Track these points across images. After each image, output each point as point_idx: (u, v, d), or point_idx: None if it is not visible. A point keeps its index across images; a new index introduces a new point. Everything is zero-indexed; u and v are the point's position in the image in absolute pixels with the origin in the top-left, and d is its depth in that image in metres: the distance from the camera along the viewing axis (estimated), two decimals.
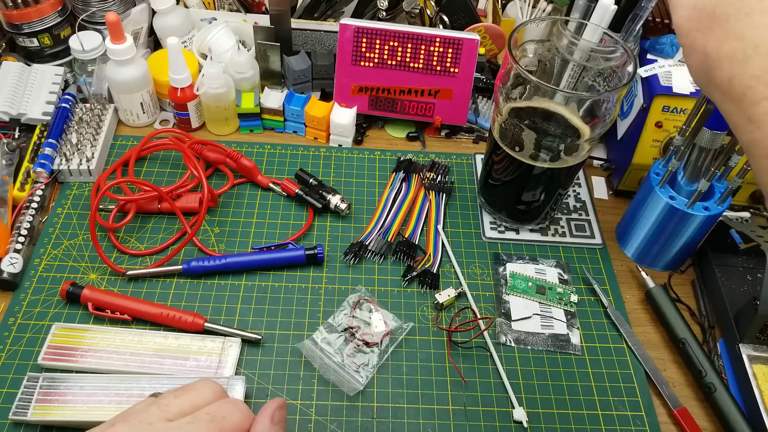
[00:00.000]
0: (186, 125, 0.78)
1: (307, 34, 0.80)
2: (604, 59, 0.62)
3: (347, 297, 0.63)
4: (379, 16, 0.81)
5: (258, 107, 0.77)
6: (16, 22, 0.75)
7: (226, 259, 0.64)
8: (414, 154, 0.78)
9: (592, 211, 0.74)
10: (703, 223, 0.64)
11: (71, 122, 0.73)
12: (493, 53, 0.86)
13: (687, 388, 0.60)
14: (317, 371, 0.58)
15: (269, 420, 0.37)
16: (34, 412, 0.51)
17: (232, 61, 0.75)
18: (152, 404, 0.35)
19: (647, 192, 0.66)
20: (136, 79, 0.74)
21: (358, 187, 0.74)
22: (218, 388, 0.37)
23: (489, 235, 0.70)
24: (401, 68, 0.76)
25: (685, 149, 0.62)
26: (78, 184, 0.71)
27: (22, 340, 0.58)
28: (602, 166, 0.80)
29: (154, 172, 0.73)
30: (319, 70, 0.80)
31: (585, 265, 0.68)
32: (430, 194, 0.73)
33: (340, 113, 0.77)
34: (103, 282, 0.63)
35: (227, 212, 0.70)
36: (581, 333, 0.63)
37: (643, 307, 0.66)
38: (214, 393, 0.37)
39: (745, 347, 0.60)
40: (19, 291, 0.61)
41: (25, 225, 0.64)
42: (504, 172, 0.66)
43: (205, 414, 0.34)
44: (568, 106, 0.62)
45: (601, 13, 0.61)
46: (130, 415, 0.34)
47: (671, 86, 0.69)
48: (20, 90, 0.74)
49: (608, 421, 0.57)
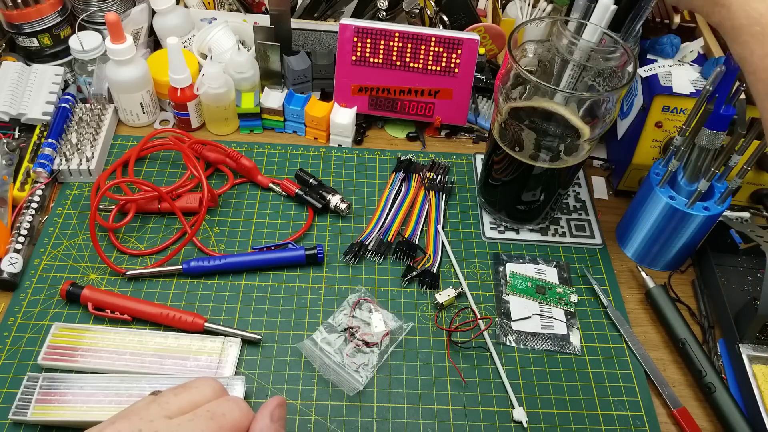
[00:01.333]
0: (186, 125, 0.78)
1: (307, 34, 0.80)
2: (604, 59, 0.62)
3: (347, 297, 0.63)
4: (379, 16, 0.81)
5: (258, 107, 0.77)
6: (16, 22, 0.75)
7: (226, 259, 0.64)
8: (414, 154, 0.78)
9: (592, 211, 0.74)
10: (703, 223, 0.64)
11: (71, 122, 0.73)
12: (493, 53, 0.86)
13: (687, 388, 0.60)
14: (317, 371, 0.58)
15: (269, 418, 0.37)
16: (34, 412, 0.51)
17: (232, 61, 0.75)
18: (152, 402, 0.35)
19: (647, 192, 0.66)
20: (136, 79, 0.74)
21: (358, 187, 0.74)
22: (218, 386, 0.37)
23: (489, 235, 0.70)
24: (401, 68, 0.76)
25: (685, 149, 0.62)
26: (78, 184, 0.71)
27: (22, 340, 0.58)
28: (602, 166, 0.80)
29: (154, 172, 0.73)
30: (319, 70, 0.80)
31: (585, 265, 0.68)
32: (430, 194, 0.73)
33: (340, 113, 0.77)
34: (103, 282, 0.63)
35: (227, 212, 0.70)
36: (581, 333, 0.63)
37: (643, 307, 0.66)
38: (214, 391, 0.37)
39: (745, 347, 0.60)
40: (19, 291, 0.61)
41: (25, 225, 0.64)
42: (504, 172, 0.66)
43: (205, 411, 0.34)
44: (568, 106, 0.62)
45: (601, 13, 0.61)
46: (131, 413, 0.34)
47: (671, 86, 0.69)
48: (20, 90, 0.74)
49: (608, 421, 0.57)
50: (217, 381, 0.38)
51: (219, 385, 0.37)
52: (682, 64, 0.73)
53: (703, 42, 0.74)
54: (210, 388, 0.37)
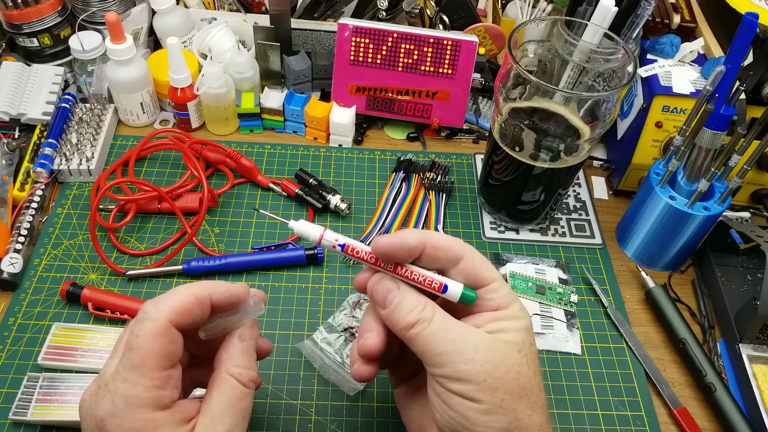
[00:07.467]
0: (186, 125, 0.78)
1: (307, 34, 0.80)
2: (605, 60, 0.62)
3: (347, 297, 0.63)
4: (379, 16, 0.81)
5: (258, 107, 0.77)
6: (16, 22, 0.75)
7: (226, 259, 0.64)
8: (414, 154, 0.78)
9: (592, 211, 0.74)
10: (703, 223, 0.64)
11: (71, 122, 0.73)
12: (493, 53, 0.86)
13: (687, 388, 0.60)
14: (317, 371, 0.58)
15: (237, 337, 0.40)
16: (34, 412, 0.51)
17: (232, 61, 0.75)
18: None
19: (647, 192, 0.66)
20: (136, 79, 0.74)
21: (358, 187, 0.74)
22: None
23: (489, 235, 0.70)
24: (399, 69, 0.76)
25: (685, 149, 0.62)
26: (78, 184, 0.71)
27: (22, 340, 0.58)
28: (602, 166, 0.80)
29: (154, 172, 0.73)
30: (318, 70, 0.80)
31: (585, 265, 0.68)
32: (430, 194, 0.73)
33: (339, 112, 0.77)
34: (103, 282, 0.63)
35: (227, 212, 0.70)
36: (581, 333, 0.63)
37: (643, 307, 0.66)
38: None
39: (745, 347, 0.60)
40: (19, 291, 0.61)
41: (25, 225, 0.64)
42: (504, 172, 0.66)
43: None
44: (568, 106, 0.62)
45: (602, 14, 0.61)
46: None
47: (671, 86, 0.69)
48: (20, 90, 0.74)
49: (608, 421, 0.57)
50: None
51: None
52: (682, 64, 0.73)
53: (703, 42, 0.74)
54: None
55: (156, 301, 0.37)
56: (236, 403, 0.38)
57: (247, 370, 0.40)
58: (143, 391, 0.35)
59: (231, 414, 0.38)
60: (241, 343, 0.40)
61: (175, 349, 0.37)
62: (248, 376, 0.39)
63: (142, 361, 0.35)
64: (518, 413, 0.38)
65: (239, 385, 0.39)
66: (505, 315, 0.41)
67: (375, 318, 0.43)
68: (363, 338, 0.42)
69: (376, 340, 0.42)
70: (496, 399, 0.37)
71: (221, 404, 0.38)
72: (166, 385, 0.36)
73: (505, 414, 0.37)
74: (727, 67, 0.56)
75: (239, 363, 0.39)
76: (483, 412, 0.37)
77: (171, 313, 0.37)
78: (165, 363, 0.36)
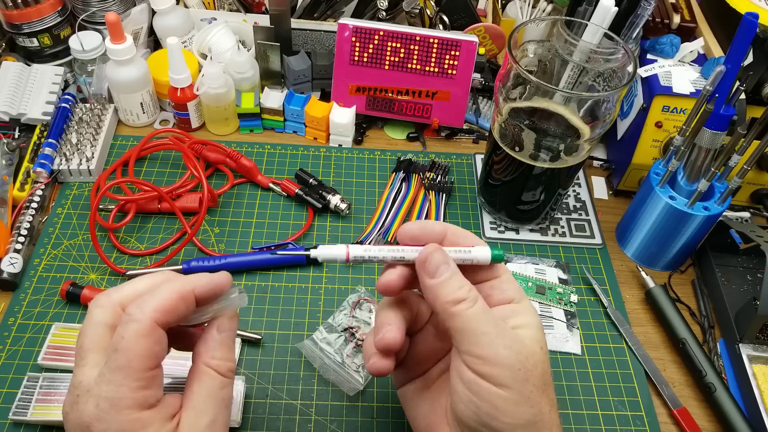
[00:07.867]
0: (186, 125, 0.78)
1: (307, 34, 0.80)
2: (605, 60, 0.62)
3: (347, 297, 0.63)
4: (379, 16, 0.81)
5: (258, 107, 0.77)
6: (16, 22, 0.75)
7: (226, 259, 0.64)
8: (414, 154, 0.78)
9: (592, 211, 0.74)
10: (703, 223, 0.64)
11: (71, 122, 0.73)
12: (493, 53, 0.86)
13: (687, 388, 0.60)
14: (317, 371, 0.58)
15: (215, 329, 0.40)
16: (34, 412, 0.51)
17: (232, 61, 0.75)
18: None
19: (647, 192, 0.66)
20: (136, 79, 0.74)
21: (358, 187, 0.74)
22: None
23: (489, 235, 0.70)
24: (399, 69, 0.76)
25: (685, 149, 0.62)
26: (78, 184, 0.71)
27: (22, 340, 0.58)
28: (602, 166, 0.80)
29: (154, 172, 0.73)
30: (318, 70, 0.80)
31: (585, 265, 0.68)
32: (430, 194, 0.73)
33: (339, 112, 0.77)
34: (103, 282, 0.63)
35: (227, 212, 0.70)
36: (581, 333, 0.63)
37: (643, 307, 0.66)
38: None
39: (745, 347, 0.60)
40: (19, 291, 0.61)
41: (25, 225, 0.64)
42: (504, 172, 0.66)
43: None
44: (568, 106, 0.62)
45: (602, 14, 0.61)
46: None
47: (671, 86, 0.69)
48: (20, 90, 0.74)
49: (608, 421, 0.57)
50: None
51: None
52: (682, 64, 0.73)
53: (703, 42, 0.74)
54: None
55: (140, 301, 0.37)
56: (217, 393, 0.39)
57: (225, 362, 0.40)
58: (129, 392, 0.35)
59: (213, 404, 0.39)
60: (219, 335, 0.40)
61: (161, 349, 0.37)
62: (227, 367, 0.40)
63: (127, 362, 0.35)
64: (542, 407, 0.38)
65: (218, 376, 0.39)
66: (522, 309, 0.42)
67: (394, 311, 0.43)
68: (382, 332, 0.42)
69: (396, 333, 0.42)
70: (526, 390, 0.38)
71: (203, 396, 0.38)
72: (151, 384, 0.36)
73: (532, 407, 0.38)
74: (727, 67, 0.56)
75: (217, 355, 0.40)
76: (513, 403, 0.37)
77: (155, 312, 0.36)
78: (151, 363, 0.36)
